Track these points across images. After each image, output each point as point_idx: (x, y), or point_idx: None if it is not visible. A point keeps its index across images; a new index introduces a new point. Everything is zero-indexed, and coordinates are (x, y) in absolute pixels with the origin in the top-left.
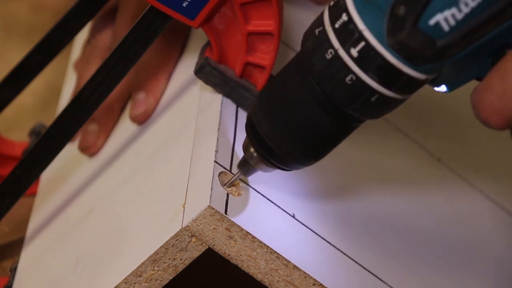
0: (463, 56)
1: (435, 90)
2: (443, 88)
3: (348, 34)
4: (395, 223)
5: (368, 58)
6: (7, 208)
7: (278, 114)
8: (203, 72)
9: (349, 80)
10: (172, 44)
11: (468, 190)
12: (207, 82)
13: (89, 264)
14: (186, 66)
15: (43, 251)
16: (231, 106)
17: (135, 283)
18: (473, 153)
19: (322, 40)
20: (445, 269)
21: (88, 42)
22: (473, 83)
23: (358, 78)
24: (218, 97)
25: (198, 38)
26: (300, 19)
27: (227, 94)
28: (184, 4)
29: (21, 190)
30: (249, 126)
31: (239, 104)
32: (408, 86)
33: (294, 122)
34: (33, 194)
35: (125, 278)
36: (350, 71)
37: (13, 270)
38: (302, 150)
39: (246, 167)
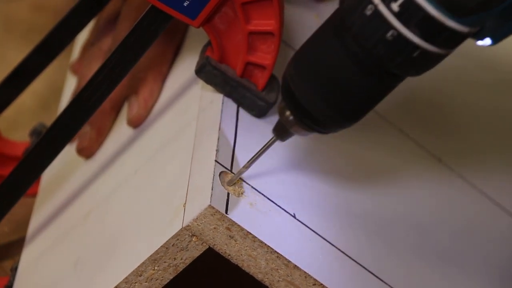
0: (507, 7)
1: (478, 44)
2: (487, 41)
3: None
4: (395, 223)
5: (409, 12)
6: (7, 208)
7: (315, 76)
8: (204, 71)
9: (390, 36)
10: (164, 47)
11: (469, 190)
12: (208, 81)
13: (89, 264)
14: (187, 65)
15: (43, 251)
16: (232, 105)
17: (135, 282)
18: (473, 153)
19: None
20: (445, 269)
21: (91, 44)
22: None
23: (399, 34)
24: (219, 96)
25: (198, 38)
26: (301, 19)
27: (228, 93)
28: (185, 4)
29: (21, 190)
30: (285, 89)
31: (240, 103)
32: (451, 40)
33: (331, 83)
34: (34, 195)
35: (126, 278)
36: (391, 26)
37: (14, 270)
38: (341, 111)
39: (282, 130)
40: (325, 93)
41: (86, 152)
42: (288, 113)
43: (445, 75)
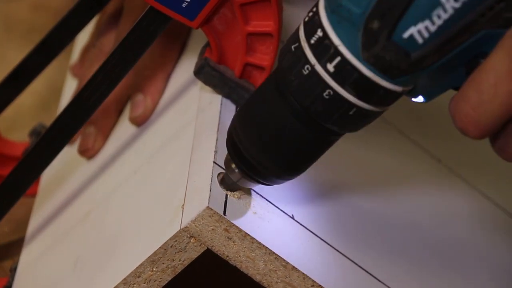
0: (438, 67)
1: (412, 101)
2: (420, 99)
3: (324, 50)
4: (394, 225)
5: (344, 72)
6: (7, 208)
7: (257, 129)
8: (202, 72)
9: (326, 95)
10: (170, 46)
11: (468, 191)
12: (206, 82)
13: (88, 264)
14: (186, 66)
15: (42, 252)
16: (230, 106)
17: (134, 283)
18: (473, 154)
19: (299, 56)
20: (444, 269)
21: (93, 45)
22: (451, 92)
23: (335, 93)
24: (218, 97)
25: (198, 39)
26: (300, 20)
27: (226, 94)
28: (184, 5)
29: (21, 190)
30: (230, 142)
31: (238, 104)
32: (385, 98)
33: (273, 137)
34: (33, 195)
35: (124, 279)
36: (327, 86)
37: (13, 270)
38: (282, 164)
39: (229, 183)
40: (266, 144)
41: (90, 153)
42: (233, 165)
43: None
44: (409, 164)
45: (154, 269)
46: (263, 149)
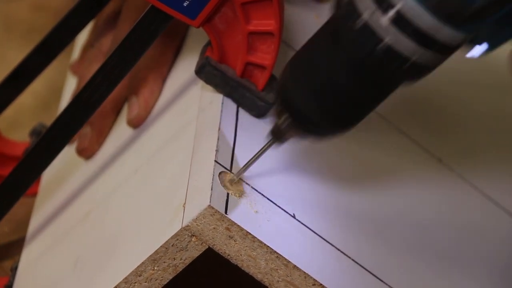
0: (502, 16)
1: (475, 50)
2: (484, 46)
3: None
4: (395, 224)
5: (406, 20)
6: (7, 208)
7: (311, 81)
8: (203, 72)
9: (386, 42)
10: (166, 47)
11: (468, 190)
12: (207, 82)
13: (88, 264)
14: (187, 66)
15: (43, 251)
16: (231, 106)
17: (135, 282)
18: (473, 154)
19: (358, 3)
20: (444, 268)
21: (91, 45)
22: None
23: (397, 40)
24: (219, 97)
25: (199, 38)
26: (301, 19)
27: (227, 94)
28: (185, 4)
29: (21, 190)
30: (281, 93)
31: (239, 104)
32: (447, 47)
33: (327, 88)
34: (34, 194)
35: (125, 278)
36: (388, 33)
37: (14, 269)
38: (336, 117)
39: (278, 134)
40: (321, 98)
41: (87, 153)
42: (284, 116)
43: (445, 75)
44: (409, 163)
45: (155, 268)
46: (317, 101)
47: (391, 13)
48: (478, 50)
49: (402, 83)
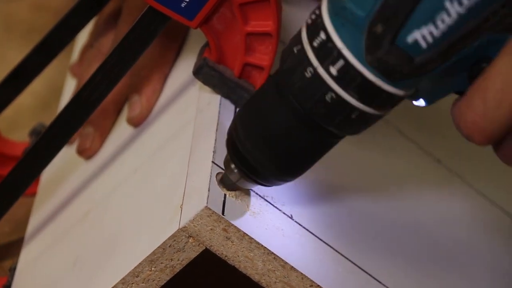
0: (441, 71)
1: (414, 104)
2: (421, 102)
3: (327, 52)
4: (394, 225)
5: (347, 76)
6: (7, 207)
7: (258, 130)
8: (201, 72)
9: (329, 98)
10: (167, 47)
11: (468, 191)
12: (205, 82)
13: (87, 264)
14: (185, 66)
15: (42, 251)
16: (229, 107)
17: (132, 283)
18: (473, 155)
19: (301, 59)
20: (443, 269)
21: (91, 46)
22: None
23: (338, 96)
24: (217, 97)
25: (197, 39)
26: (299, 19)
27: (225, 94)
28: (183, 5)
29: (20, 190)
30: (230, 142)
31: (237, 105)
32: (388, 102)
33: (274, 137)
34: (33, 194)
35: (123, 279)
36: (329, 89)
37: (12, 269)
38: (282, 166)
39: (228, 183)
40: (266, 145)
41: (88, 153)
42: (233, 165)
43: None
44: (408, 164)
45: (152, 268)
46: (263, 150)
47: (338, 65)
48: (417, 103)
49: (347, 134)
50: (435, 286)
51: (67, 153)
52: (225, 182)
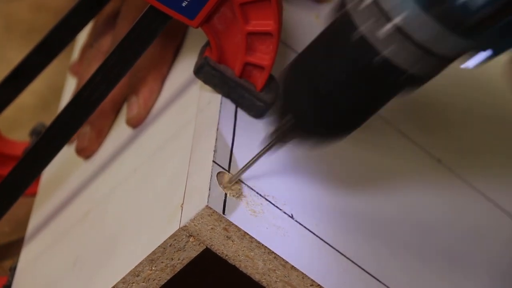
0: (507, 23)
1: (474, 59)
2: (489, 52)
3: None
4: (394, 224)
5: (405, 32)
6: (7, 207)
7: (312, 84)
8: (202, 72)
9: (383, 55)
10: (166, 47)
11: (468, 191)
12: (206, 82)
13: (87, 264)
14: (185, 66)
15: (42, 251)
16: (230, 106)
17: (133, 282)
18: (473, 154)
19: (354, 15)
20: (444, 269)
21: (90, 46)
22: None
23: (395, 54)
24: (217, 97)
25: (197, 38)
26: (301, 19)
27: (226, 94)
28: (184, 4)
29: (20, 190)
30: (285, 92)
31: (238, 104)
32: (445, 57)
33: (326, 92)
34: (33, 194)
35: (123, 278)
36: (385, 46)
37: (13, 269)
38: (335, 121)
39: (281, 135)
40: (321, 103)
41: (86, 152)
42: (288, 117)
43: (444, 75)
44: (408, 164)
45: (153, 268)
46: (322, 100)
47: (389, 26)
48: (478, 58)
49: (400, 92)
50: (436, 286)
51: (67, 153)
52: (277, 133)
